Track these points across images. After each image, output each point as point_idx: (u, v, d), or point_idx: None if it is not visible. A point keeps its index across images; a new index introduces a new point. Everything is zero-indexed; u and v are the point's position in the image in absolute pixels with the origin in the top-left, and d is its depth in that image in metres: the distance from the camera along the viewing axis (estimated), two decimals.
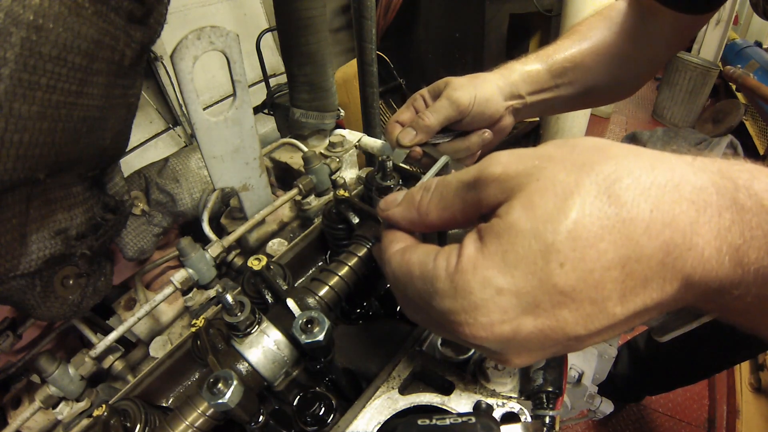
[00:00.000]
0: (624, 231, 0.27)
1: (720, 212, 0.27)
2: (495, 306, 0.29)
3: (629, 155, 0.29)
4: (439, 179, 0.38)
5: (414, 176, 0.85)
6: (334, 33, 2.82)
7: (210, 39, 0.65)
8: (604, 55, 0.77)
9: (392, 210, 0.41)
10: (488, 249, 0.30)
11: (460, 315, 0.31)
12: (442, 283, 0.32)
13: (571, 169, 0.29)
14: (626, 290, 0.28)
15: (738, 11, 4.73)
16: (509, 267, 0.29)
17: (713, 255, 0.27)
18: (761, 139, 3.46)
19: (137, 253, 0.84)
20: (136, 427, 0.50)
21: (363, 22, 1.21)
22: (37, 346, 0.82)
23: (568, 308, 0.28)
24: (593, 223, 0.27)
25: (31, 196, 0.54)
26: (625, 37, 0.76)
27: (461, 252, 0.32)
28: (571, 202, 0.28)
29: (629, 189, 0.27)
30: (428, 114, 0.71)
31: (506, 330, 0.30)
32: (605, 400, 0.78)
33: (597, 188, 0.28)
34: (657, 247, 0.27)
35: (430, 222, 0.38)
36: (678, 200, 0.27)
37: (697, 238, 0.27)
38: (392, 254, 0.39)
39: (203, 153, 0.76)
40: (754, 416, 1.74)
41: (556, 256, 0.27)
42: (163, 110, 2.46)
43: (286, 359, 0.50)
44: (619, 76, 0.79)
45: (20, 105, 0.42)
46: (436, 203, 0.37)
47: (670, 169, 0.28)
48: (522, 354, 0.32)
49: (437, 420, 0.42)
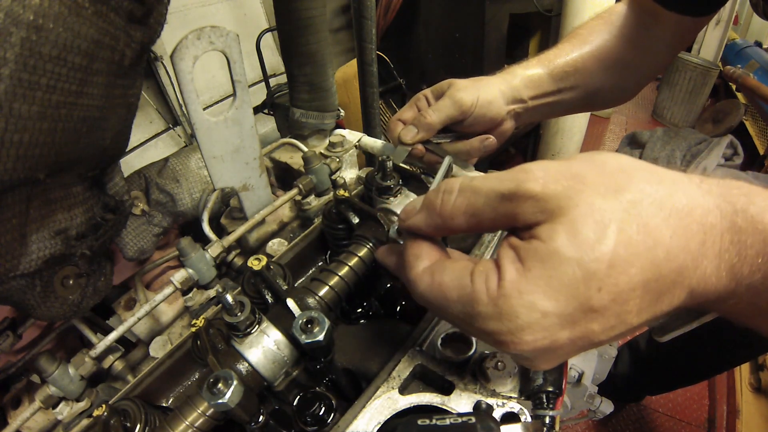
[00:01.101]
0: (650, 257, 0.30)
1: (722, 233, 0.31)
2: (540, 326, 0.32)
3: (651, 180, 0.32)
4: (464, 183, 0.38)
5: (414, 176, 0.85)
6: (334, 33, 2.82)
7: (210, 39, 0.65)
8: (605, 60, 0.77)
9: (414, 218, 0.41)
10: (532, 274, 0.32)
11: (506, 335, 0.33)
12: (484, 307, 0.34)
13: (605, 195, 0.31)
14: (644, 305, 0.31)
15: (738, 11, 4.73)
16: (555, 292, 0.31)
17: (713, 272, 0.31)
18: (761, 139, 3.45)
19: (137, 253, 0.84)
20: (136, 427, 0.50)
21: (363, 22, 1.21)
22: (37, 346, 0.82)
23: (597, 322, 0.31)
24: (626, 251, 0.30)
25: (31, 196, 0.54)
26: (625, 40, 0.76)
27: (502, 275, 0.33)
28: (609, 231, 0.30)
29: (653, 216, 0.30)
30: (430, 112, 0.72)
31: (546, 343, 0.32)
32: (605, 400, 0.78)
33: (629, 216, 0.30)
34: (673, 269, 0.30)
35: (455, 226, 0.38)
36: (690, 225, 0.31)
37: (703, 260, 0.31)
38: (420, 275, 0.39)
39: (203, 153, 0.76)
40: (754, 416, 1.74)
41: (596, 282, 0.30)
42: (163, 110, 2.46)
43: (286, 359, 0.50)
44: (620, 80, 0.80)
45: (20, 105, 0.42)
46: (464, 209, 0.37)
47: (684, 194, 0.32)
48: (551, 359, 0.35)
49: (437, 420, 0.41)
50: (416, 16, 2.60)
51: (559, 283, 0.31)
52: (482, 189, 0.36)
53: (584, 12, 2.47)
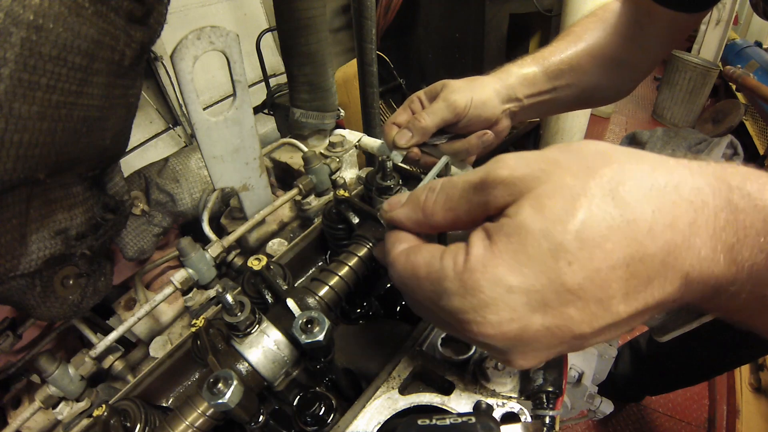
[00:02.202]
0: (629, 232, 0.28)
1: (716, 212, 0.28)
2: (505, 304, 0.30)
3: (631, 159, 0.30)
4: (445, 180, 0.38)
5: (414, 176, 0.85)
6: (334, 33, 2.82)
7: (210, 39, 0.65)
8: (599, 57, 0.77)
9: (396, 211, 0.41)
10: (498, 248, 0.30)
11: (469, 313, 0.31)
12: (450, 282, 0.32)
13: (577, 174, 0.30)
14: (630, 289, 0.28)
15: (738, 11, 4.73)
16: (520, 265, 0.29)
17: (709, 254, 0.28)
18: (761, 139, 3.45)
19: (137, 253, 0.84)
20: (136, 427, 0.50)
21: (363, 22, 1.21)
22: (37, 346, 0.82)
23: (575, 306, 0.29)
24: (600, 224, 0.28)
25: (31, 196, 0.54)
26: (620, 38, 0.76)
27: (469, 251, 0.32)
28: (579, 204, 0.28)
29: (632, 191, 0.28)
30: (424, 115, 0.71)
31: (514, 328, 0.30)
32: (605, 400, 0.78)
33: (602, 191, 0.28)
34: (659, 247, 0.28)
35: (435, 222, 0.38)
36: (678, 201, 0.28)
37: (695, 239, 0.28)
38: (397, 255, 0.39)
39: (203, 153, 0.76)
40: (754, 416, 1.74)
41: (564, 255, 0.28)
42: (163, 110, 2.46)
43: (286, 359, 0.50)
44: (615, 77, 0.79)
45: (20, 105, 0.42)
46: (442, 204, 0.37)
47: (669, 171, 0.29)
48: (528, 354, 0.33)
49: (437, 420, 0.41)
50: (416, 16, 2.60)
51: (525, 256, 0.29)
52: (457, 183, 0.36)
53: (584, 12, 2.46)
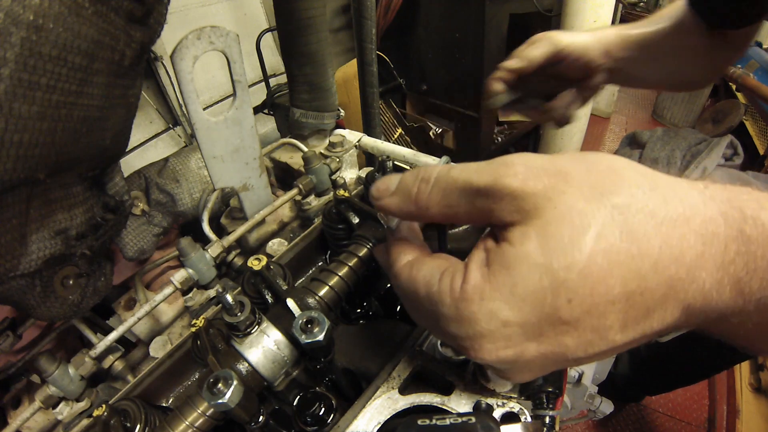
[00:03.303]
0: (633, 266, 0.27)
1: (726, 243, 0.27)
2: (500, 336, 0.30)
3: (644, 185, 0.29)
4: (440, 172, 0.35)
5: None
6: (334, 33, 2.82)
7: (210, 39, 0.65)
8: (685, 39, 0.75)
9: (387, 200, 0.39)
10: (496, 279, 0.30)
11: (466, 341, 0.32)
12: (446, 309, 0.32)
13: (589, 197, 0.28)
14: (628, 320, 0.28)
15: None
16: (517, 300, 0.29)
17: (714, 286, 0.27)
18: (761, 139, 3.45)
19: (137, 253, 0.84)
20: (136, 427, 0.50)
21: (363, 22, 1.21)
22: (37, 346, 0.82)
23: (570, 335, 0.29)
24: (605, 259, 0.27)
25: (31, 196, 0.54)
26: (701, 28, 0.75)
27: (466, 277, 0.31)
28: (587, 237, 0.27)
29: (642, 224, 0.27)
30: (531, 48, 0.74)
31: (510, 354, 0.31)
32: (605, 400, 0.78)
33: (612, 221, 0.27)
34: (662, 281, 0.27)
35: (430, 216, 0.37)
36: (686, 234, 0.27)
37: (700, 272, 0.27)
38: (400, 269, 0.39)
39: (203, 153, 0.76)
40: (754, 416, 1.74)
41: (565, 292, 0.28)
42: (163, 110, 2.46)
43: (286, 359, 0.50)
44: (700, 62, 0.77)
45: (20, 105, 0.42)
46: (438, 200, 0.35)
47: (681, 201, 0.28)
48: (524, 373, 0.34)
49: (437, 420, 0.41)
50: (416, 16, 2.60)
51: (524, 292, 0.28)
52: (458, 181, 0.34)
53: (584, 12, 2.47)
